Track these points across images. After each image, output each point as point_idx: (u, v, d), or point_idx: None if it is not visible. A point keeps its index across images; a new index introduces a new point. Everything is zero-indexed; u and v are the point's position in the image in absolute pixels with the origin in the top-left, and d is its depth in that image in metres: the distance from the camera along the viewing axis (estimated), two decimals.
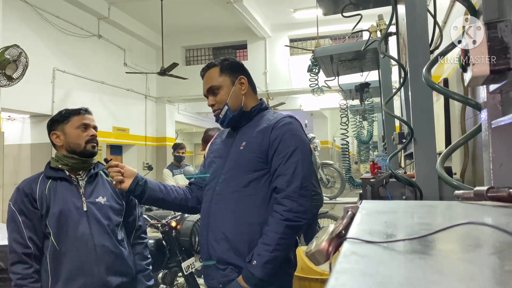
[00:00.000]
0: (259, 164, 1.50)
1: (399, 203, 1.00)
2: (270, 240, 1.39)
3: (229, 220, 1.49)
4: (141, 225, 1.97)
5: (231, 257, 1.46)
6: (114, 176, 1.56)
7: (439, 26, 1.84)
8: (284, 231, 1.38)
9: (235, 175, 1.53)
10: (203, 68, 1.66)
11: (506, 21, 0.84)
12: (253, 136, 1.54)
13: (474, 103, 1.04)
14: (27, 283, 1.62)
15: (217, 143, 1.72)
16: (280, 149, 1.47)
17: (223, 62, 1.63)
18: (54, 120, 1.83)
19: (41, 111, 6.56)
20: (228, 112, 1.57)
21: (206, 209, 1.58)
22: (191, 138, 17.96)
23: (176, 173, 5.55)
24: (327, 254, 0.71)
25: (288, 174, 1.44)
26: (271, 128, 1.52)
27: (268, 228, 1.42)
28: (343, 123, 4.36)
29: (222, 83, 1.59)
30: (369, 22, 2.77)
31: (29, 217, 1.67)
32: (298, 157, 1.46)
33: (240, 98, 1.60)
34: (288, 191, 1.42)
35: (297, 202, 1.41)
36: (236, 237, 1.47)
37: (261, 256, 1.38)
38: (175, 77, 7.21)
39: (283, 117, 1.56)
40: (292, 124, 1.54)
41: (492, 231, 0.50)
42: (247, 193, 1.49)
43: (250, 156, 1.51)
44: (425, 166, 1.48)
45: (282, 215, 1.40)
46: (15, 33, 5.80)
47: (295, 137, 1.50)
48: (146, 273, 1.91)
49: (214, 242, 1.50)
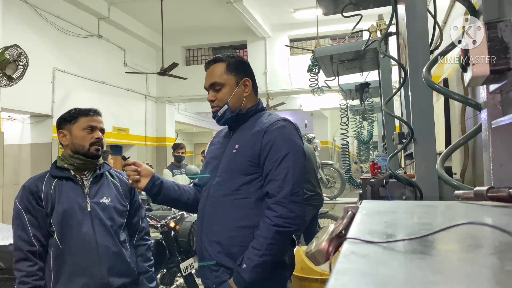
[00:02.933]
0: (250, 168, 1.49)
1: (399, 203, 1.00)
2: (260, 245, 1.39)
3: (221, 223, 1.49)
4: (145, 227, 1.96)
5: (223, 259, 1.47)
6: (131, 175, 1.55)
7: (439, 26, 1.84)
8: (273, 236, 1.38)
9: (227, 178, 1.52)
10: (209, 61, 1.61)
11: (506, 21, 0.84)
12: (246, 139, 1.53)
13: (474, 103, 1.04)
14: (31, 280, 1.62)
15: (215, 142, 1.71)
16: (271, 154, 1.46)
17: (230, 59, 1.59)
18: (62, 119, 1.81)
19: (41, 111, 6.57)
20: (227, 112, 1.56)
21: (201, 211, 1.58)
22: (191, 138, 17.97)
23: (176, 173, 5.55)
24: (327, 254, 0.71)
25: (279, 180, 1.42)
26: (263, 132, 1.49)
27: (258, 233, 1.42)
28: (343, 123, 4.36)
29: (226, 81, 1.56)
30: (369, 22, 2.77)
31: (34, 215, 1.67)
32: (290, 163, 1.44)
33: (241, 100, 1.58)
34: (279, 196, 1.41)
35: (287, 208, 1.40)
36: (228, 241, 1.47)
37: (250, 260, 1.39)
38: (175, 77, 7.21)
39: (276, 121, 1.53)
40: (285, 128, 1.51)
41: (492, 231, 0.50)
42: (239, 196, 1.48)
43: (242, 159, 1.50)
44: (425, 166, 1.48)
45: (272, 220, 1.40)
46: (15, 33, 5.80)
47: (288, 141, 1.48)
48: (148, 275, 1.90)
49: (207, 244, 1.51)
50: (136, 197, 1.94)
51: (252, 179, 1.49)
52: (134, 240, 1.91)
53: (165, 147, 9.81)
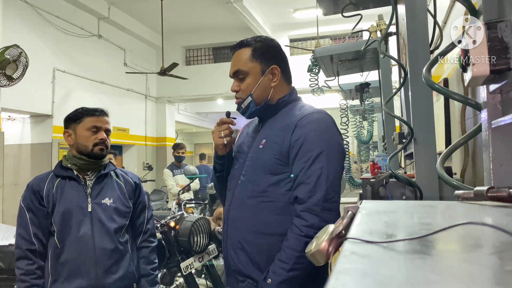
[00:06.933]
0: (278, 167, 1.31)
1: (399, 203, 1.00)
2: (288, 258, 1.21)
3: (247, 229, 1.33)
4: (150, 228, 1.93)
5: (250, 269, 1.31)
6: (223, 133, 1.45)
7: (439, 26, 1.84)
8: (303, 249, 1.12)
9: (252, 177, 1.35)
10: (234, 45, 1.43)
11: (506, 21, 0.84)
12: (274, 134, 1.35)
13: (474, 103, 1.04)
14: (29, 279, 1.63)
15: (243, 135, 1.54)
16: (302, 152, 1.27)
17: (257, 43, 1.39)
18: (68, 118, 1.80)
19: (41, 111, 6.57)
20: (251, 105, 1.38)
21: (226, 213, 1.43)
22: (191, 138, 17.96)
23: (177, 173, 5.55)
24: (327, 254, 0.71)
25: (311, 183, 1.24)
26: (293, 126, 1.30)
27: (286, 244, 1.24)
28: (343, 123, 4.35)
29: (251, 69, 1.37)
30: (369, 22, 2.77)
31: (36, 214, 1.67)
32: (323, 163, 1.25)
33: (268, 90, 1.39)
34: (310, 203, 1.22)
35: (319, 217, 1.20)
36: (253, 248, 1.31)
37: (276, 275, 1.21)
38: (175, 77, 7.21)
39: (310, 113, 1.33)
40: (319, 121, 1.31)
41: (492, 231, 0.50)
42: (266, 199, 1.31)
43: (269, 157, 1.32)
44: (425, 166, 1.48)
45: (302, 231, 1.21)
46: (15, 33, 5.81)
47: (322, 137, 1.28)
48: (150, 278, 1.86)
49: (232, 252, 1.36)
50: (141, 197, 1.90)
51: (281, 179, 1.31)
52: (138, 241, 1.88)
53: (165, 147, 9.81)
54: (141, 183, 1.98)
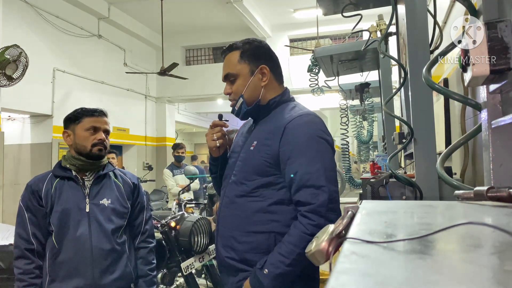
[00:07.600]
0: (267, 170, 1.32)
1: (399, 203, 1.00)
2: (288, 252, 1.22)
3: (236, 227, 1.36)
4: (148, 229, 1.93)
5: (240, 266, 1.35)
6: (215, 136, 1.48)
7: (439, 26, 1.84)
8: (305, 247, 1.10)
9: (242, 177, 1.37)
10: (224, 49, 1.46)
11: (506, 21, 0.84)
12: (264, 136, 1.36)
13: (474, 103, 1.04)
14: (27, 278, 1.63)
15: (239, 134, 1.56)
16: (295, 156, 1.28)
17: (245, 45, 1.42)
18: (67, 118, 1.80)
19: (41, 111, 6.57)
20: (243, 106, 1.40)
21: (218, 211, 1.47)
22: (191, 138, 17.97)
23: (177, 173, 5.55)
24: (327, 254, 0.71)
25: (312, 186, 1.25)
26: (282, 128, 1.32)
27: (288, 239, 1.24)
28: (343, 123, 4.35)
29: (240, 71, 1.40)
30: (369, 22, 2.77)
31: (34, 214, 1.68)
32: (318, 165, 1.26)
33: (259, 90, 1.40)
34: (315, 205, 1.23)
35: (325, 217, 1.21)
36: (242, 247, 1.34)
37: (274, 267, 1.23)
38: (175, 77, 7.21)
39: (299, 115, 1.33)
40: (308, 124, 1.32)
41: (492, 231, 0.50)
42: (255, 199, 1.33)
43: (259, 159, 1.34)
44: (425, 166, 1.48)
45: (307, 229, 1.21)
46: (15, 33, 5.81)
47: (313, 139, 1.30)
48: (148, 279, 1.86)
49: (222, 249, 1.40)
50: (140, 198, 1.90)
51: (270, 181, 1.32)
52: (136, 242, 1.88)
53: (165, 147, 9.81)
54: (140, 184, 1.98)
